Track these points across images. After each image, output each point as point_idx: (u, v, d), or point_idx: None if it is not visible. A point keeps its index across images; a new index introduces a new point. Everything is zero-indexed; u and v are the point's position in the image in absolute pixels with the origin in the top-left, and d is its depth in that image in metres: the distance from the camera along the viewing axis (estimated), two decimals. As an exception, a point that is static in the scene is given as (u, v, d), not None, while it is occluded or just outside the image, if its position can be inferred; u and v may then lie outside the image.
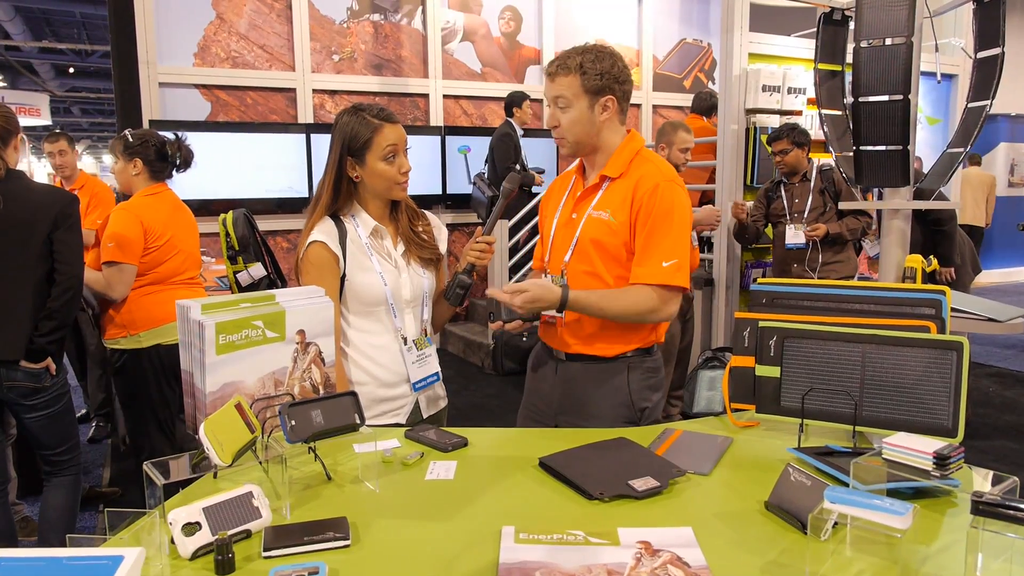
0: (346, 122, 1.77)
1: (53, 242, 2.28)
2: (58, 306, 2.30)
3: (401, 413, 1.84)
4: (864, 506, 1.00)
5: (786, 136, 4.01)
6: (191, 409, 1.42)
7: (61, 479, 2.49)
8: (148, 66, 5.24)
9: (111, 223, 2.65)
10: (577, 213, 1.84)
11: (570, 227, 1.85)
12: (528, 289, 1.67)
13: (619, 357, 1.83)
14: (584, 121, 1.76)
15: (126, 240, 2.63)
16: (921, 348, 1.41)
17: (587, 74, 1.73)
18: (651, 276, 1.72)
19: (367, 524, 1.18)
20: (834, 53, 3.75)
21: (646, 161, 1.81)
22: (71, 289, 2.32)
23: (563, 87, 1.75)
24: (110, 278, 2.63)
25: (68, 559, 0.92)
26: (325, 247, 1.76)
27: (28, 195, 2.28)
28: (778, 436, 1.55)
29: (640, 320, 1.77)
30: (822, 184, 4.04)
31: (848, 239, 3.99)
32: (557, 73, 1.76)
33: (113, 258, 2.61)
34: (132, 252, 2.64)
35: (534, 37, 6.89)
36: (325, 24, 5.95)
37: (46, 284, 2.31)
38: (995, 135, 10.09)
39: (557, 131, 1.80)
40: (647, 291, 1.72)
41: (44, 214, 2.27)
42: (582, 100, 1.75)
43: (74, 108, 18.55)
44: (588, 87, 1.74)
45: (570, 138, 1.79)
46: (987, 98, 3.27)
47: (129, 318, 2.68)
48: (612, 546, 1.08)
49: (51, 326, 2.29)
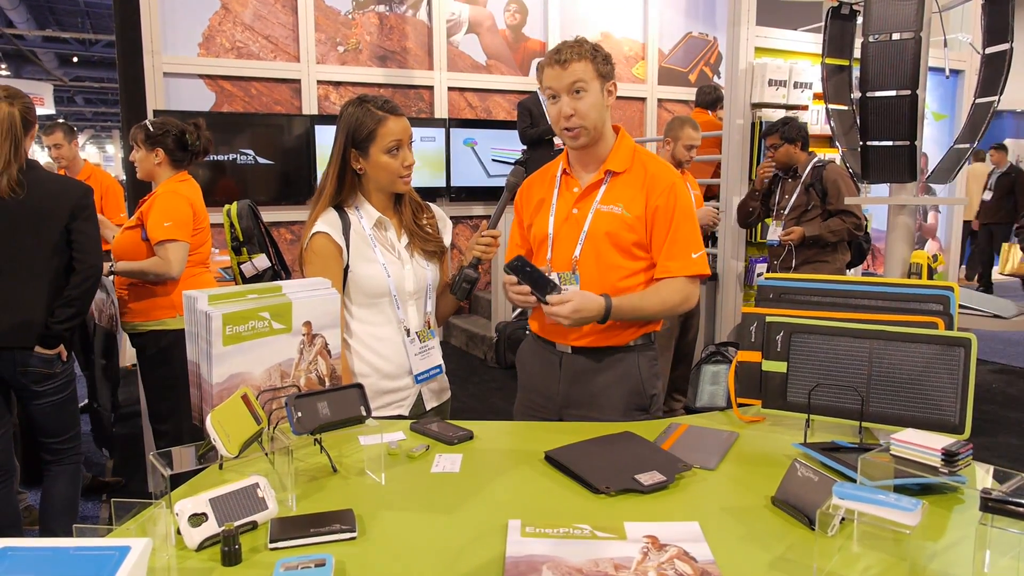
0: (351, 113, 1.77)
1: (71, 232, 2.34)
2: (77, 294, 2.36)
3: (404, 405, 1.84)
4: (873, 502, 1.00)
5: (777, 131, 3.97)
6: (197, 400, 1.41)
7: (63, 468, 2.52)
8: (153, 56, 5.22)
9: (161, 204, 2.71)
10: (579, 209, 1.84)
11: (573, 223, 1.84)
12: (572, 299, 1.66)
13: (627, 346, 1.84)
14: (599, 106, 1.77)
15: (182, 218, 2.72)
16: (928, 344, 1.40)
17: (596, 58, 1.75)
18: (684, 268, 1.79)
19: (373, 516, 1.18)
20: (841, 48, 3.72)
21: (650, 158, 1.86)
22: (91, 278, 2.39)
23: (580, 71, 1.74)
24: (169, 256, 2.69)
25: (75, 549, 0.92)
26: (329, 238, 1.76)
27: (45, 186, 2.33)
28: (784, 431, 1.55)
29: (672, 313, 1.84)
30: (811, 180, 3.91)
31: (831, 240, 3.83)
32: (571, 59, 1.74)
33: (171, 236, 2.69)
34: (187, 230, 2.75)
35: (539, 30, 6.86)
36: (330, 15, 5.93)
37: (62, 273, 2.36)
38: (1001, 131, 10.04)
39: (573, 120, 1.76)
40: (678, 283, 1.79)
41: (61, 205, 2.32)
42: (596, 84, 1.76)
43: (78, 97, 18.55)
44: (600, 71, 1.76)
45: (589, 124, 1.77)
46: (995, 94, 3.24)
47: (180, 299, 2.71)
48: (619, 540, 1.08)
49: (69, 313, 2.35)
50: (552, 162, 1.95)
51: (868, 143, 3.15)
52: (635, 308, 1.76)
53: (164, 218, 2.69)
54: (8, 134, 2.24)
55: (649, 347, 1.89)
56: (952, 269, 6.04)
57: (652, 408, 1.88)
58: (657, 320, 1.88)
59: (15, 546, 0.92)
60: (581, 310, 1.66)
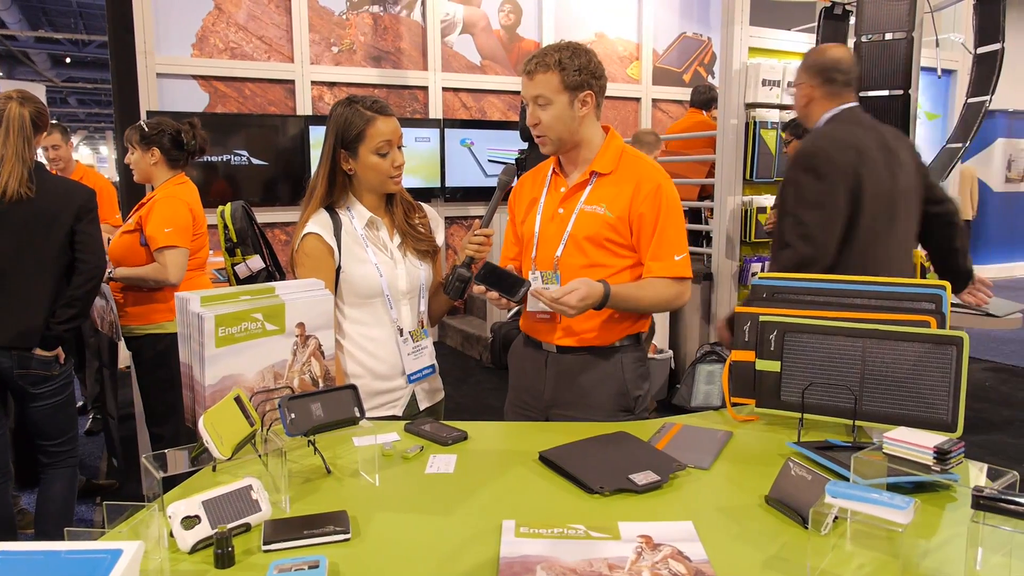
0: (340, 113, 1.77)
1: (75, 233, 2.35)
2: (80, 295, 2.37)
3: (397, 405, 1.84)
4: (866, 500, 1.00)
5: (788, 128, 4.12)
6: (190, 402, 1.41)
7: (59, 471, 2.50)
8: (146, 56, 5.21)
9: (161, 209, 2.69)
10: (565, 209, 1.84)
11: (558, 222, 1.84)
12: (578, 287, 1.65)
13: (612, 346, 1.84)
14: (565, 118, 1.77)
15: (182, 224, 2.70)
16: (921, 343, 1.41)
17: (566, 70, 1.73)
18: (666, 270, 1.79)
19: (367, 518, 1.17)
20: (835, 47, 3.73)
21: (637, 159, 1.85)
22: (93, 279, 2.40)
23: (542, 85, 1.75)
24: (170, 262, 2.67)
25: (67, 552, 0.91)
26: (320, 239, 1.75)
27: (51, 187, 2.34)
28: (778, 430, 1.55)
29: (668, 307, 1.87)
30: None
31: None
32: (536, 71, 1.75)
33: (172, 243, 2.67)
34: (187, 236, 2.72)
35: (534, 30, 6.86)
36: (324, 15, 5.92)
37: (64, 275, 2.37)
38: (993, 131, 10.08)
39: (538, 128, 1.79)
40: (665, 282, 1.80)
41: (67, 206, 2.34)
42: (562, 97, 1.75)
43: (71, 98, 18.47)
44: (567, 83, 1.74)
45: (552, 136, 1.79)
46: (987, 93, 3.27)
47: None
48: (613, 540, 1.08)
49: (70, 314, 2.36)
50: (546, 161, 1.95)
51: (861, 143, 3.16)
52: (631, 296, 1.76)
53: (165, 224, 2.66)
54: (19, 133, 2.26)
55: (635, 348, 1.88)
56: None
57: (637, 409, 1.87)
58: (650, 314, 1.88)
59: (7, 549, 0.92)
60: (587, 298, 1.65)
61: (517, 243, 1.98)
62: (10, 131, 2.25)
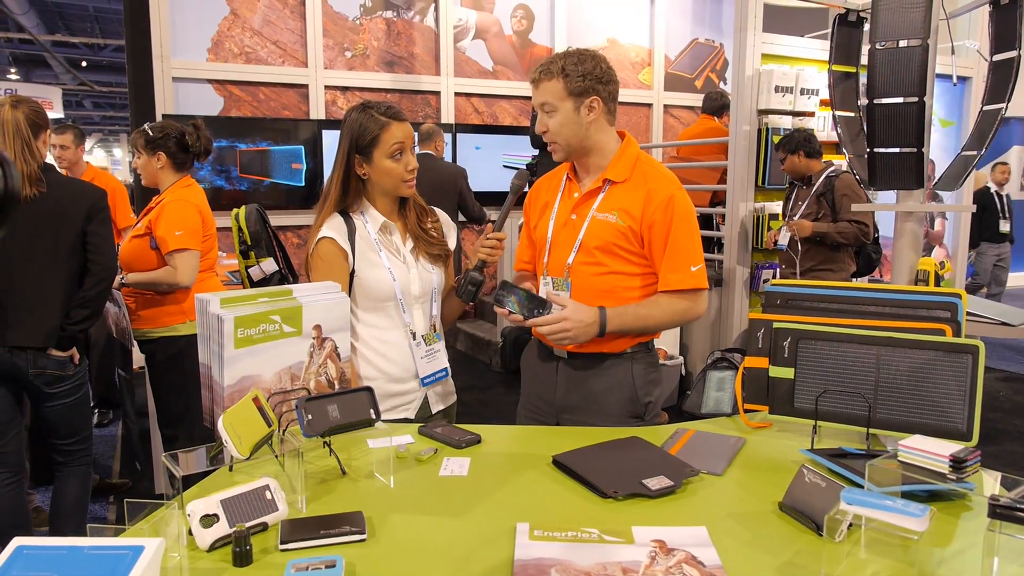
0: (354, 119, 1.79)
1: (87, 234, 2.37)
2: (92, 295, 2.39)
3: (410, 408, 1.85)
4: (881, 508, 1.00)
5: (781, 147, 4.18)
6: (208, 402, 1.43)
7: (73, 469, 2.53)
8: (162, 60, 5.26)
9: (171, 213, 2.71)
10: (577, 215, 1.84)
11: (570, 228, 1.84)
12: (568, 317, 1.68)
13: (622, 352, 1.84)
14: (571, 124, 1.77)
15: (192, 226, 2.72)
16: (936, 351, 1.41)
17: (569, 77, 1.74)
18: (683, 282, 1.77)
19: (382, 519, 1.18)
20: (848, 55, 3.72)
21: (652, 168, 1.83)
22: (105, 279, 2.42)
23: (547, 93, 1.76)
24: (182, 265, 2.69)
25: (89, 548, 0.93)
26: (334, 243, 1.77)
27: (62, 188, 2.36)
28: (791, 437, 1.55)
29: (679, 322, 1.86)
30: (823, 189, 4.03)
31: (839, 242, 3.92)
32: (540, 79, 1.77)
33: (183, 245, 2.69)
34: (197, 238, 2.74)
35: (546, 35, 6.88)
36: (338, 20, 5.96)
37: (77, 275, 2.39)
38: (1008, 138, 10.01)
39: (547, 136, 1.81)
40: (670, 298, 1.78)
41: (78, 207, 2.35)
42: (567, 103, 1.75)
43: (86, 101, 18.66)
44: (572, 90, 1.75)
45: (560, 142, 1.80)
46: (1003, 101, 3.24)
47: (191, 305, 2.74)
48: (627, 544, 1.09)
49: (84, 314, 2.37)
50: (562, 165, 1.96)
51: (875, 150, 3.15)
52: (637, 316, 1.76)
53: (175, 227, 2.68)
54: (16, 136, 2.28)
55: (646, 355, 1.87)
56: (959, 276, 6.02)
57: (647, 416, 1.86)
58: (662, 330, 1.87)
59: (31, 544, 0.93)
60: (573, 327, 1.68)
61: (530, 247, 1.99)
62: (6, 135, 2.27)
